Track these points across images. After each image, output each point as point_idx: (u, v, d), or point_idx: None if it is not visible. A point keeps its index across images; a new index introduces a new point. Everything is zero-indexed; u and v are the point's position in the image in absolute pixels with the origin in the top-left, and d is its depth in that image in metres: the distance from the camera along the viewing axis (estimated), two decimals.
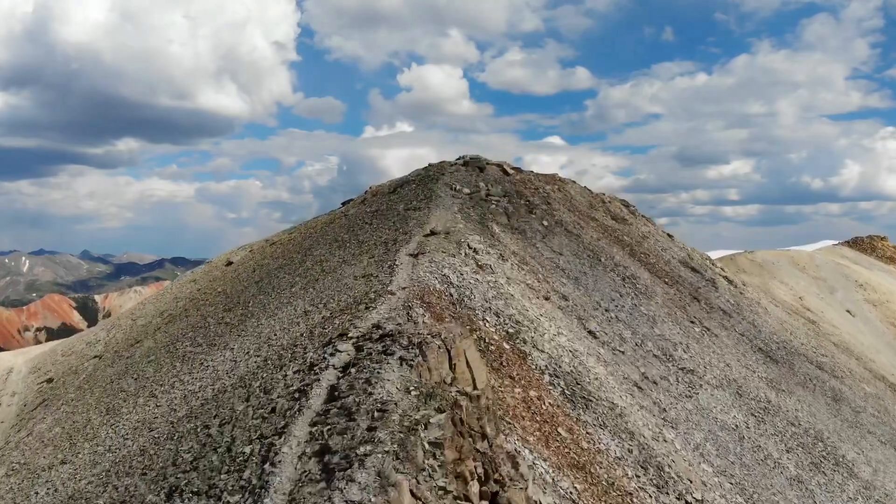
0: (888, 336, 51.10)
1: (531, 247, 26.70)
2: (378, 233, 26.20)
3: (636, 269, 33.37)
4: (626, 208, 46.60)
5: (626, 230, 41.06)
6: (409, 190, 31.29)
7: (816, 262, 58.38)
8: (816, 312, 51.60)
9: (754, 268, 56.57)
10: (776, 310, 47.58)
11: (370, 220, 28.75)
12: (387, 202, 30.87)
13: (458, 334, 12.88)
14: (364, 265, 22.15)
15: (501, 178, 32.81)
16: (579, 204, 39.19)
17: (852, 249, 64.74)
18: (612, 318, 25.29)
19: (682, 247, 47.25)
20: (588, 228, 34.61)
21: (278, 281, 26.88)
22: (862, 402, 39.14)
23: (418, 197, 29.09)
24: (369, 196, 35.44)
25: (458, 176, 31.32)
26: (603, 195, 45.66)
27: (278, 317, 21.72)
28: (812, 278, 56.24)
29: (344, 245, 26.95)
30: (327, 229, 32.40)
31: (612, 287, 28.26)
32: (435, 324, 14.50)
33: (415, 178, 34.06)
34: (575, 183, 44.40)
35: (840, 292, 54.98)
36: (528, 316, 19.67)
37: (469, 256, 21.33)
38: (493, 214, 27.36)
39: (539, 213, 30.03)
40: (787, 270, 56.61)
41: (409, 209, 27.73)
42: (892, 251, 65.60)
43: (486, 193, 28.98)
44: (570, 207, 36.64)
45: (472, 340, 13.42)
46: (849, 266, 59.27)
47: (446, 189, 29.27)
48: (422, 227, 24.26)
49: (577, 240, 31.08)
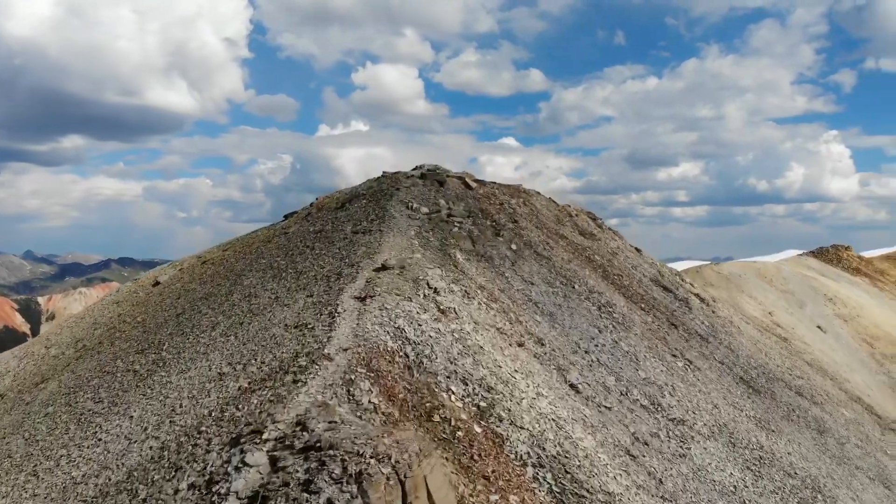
0: (860, 353, 48.65)
1: (500, 277, 22.71)
2: (320, 261, 21.90)
3: (611, 294, 29.69)
4: (593, 221, 43.07)
5: (596, 247, 37.46)
6: (358, 207, 27.03)
7: (784, 274, 55.84)
8: (787, 329, 48.90)
9: (721, 281, 53.74)
10: (748, 328, 44.62)
11: (312, 244, 24.41)
12: (333, 221, 26.55)
13: (415, 453, 8.80)
14: (299, 308, 17.88)
15: (464, 194, 28.76)
16: (546, 219, 35.42)
17: (818, 260, 62.54)
18: (594, 361, 21.46)
19: (651, 262, 43.93)
20: (558, 248, 30.83)
21: (199, 318, 22.40)
22: (844, 430, 36.27)
23: (369, 216, 24.84)
24: (314, 211, 31.04)
25: (415, 191, 27.14)
26: (568, 207, 42.05)
27: (190, 374, 17.32)
28: (780, 292, 53.64)
29: (279, 275, 22.59)
30: (263, 251, 27.93)
31: (590, 320, 24.46)
32: (384, 421, 10.37)
33: (366, 191, 29.80)
34: (539, 195, 40.67)
35: (809, 306, 52.45)
36: (502, 376, 15.66)
37: (429, 298, 17.22)
38: (456, 239, 23.28)
39: (507, 235, 26.05)
40: (754, 284, 53.90)
41: (357, 231, 23.48)
42: (858, 262, 63.62)
43: (448, 213, 24.86)
44: (537, 224, 32.81)
45: (436, 458, 9.34)
46: (816, 278, 56.89)
47: (402, 208, 25.08)
48: (372, 257, 20.05)
49: (549, 264, 27.23)
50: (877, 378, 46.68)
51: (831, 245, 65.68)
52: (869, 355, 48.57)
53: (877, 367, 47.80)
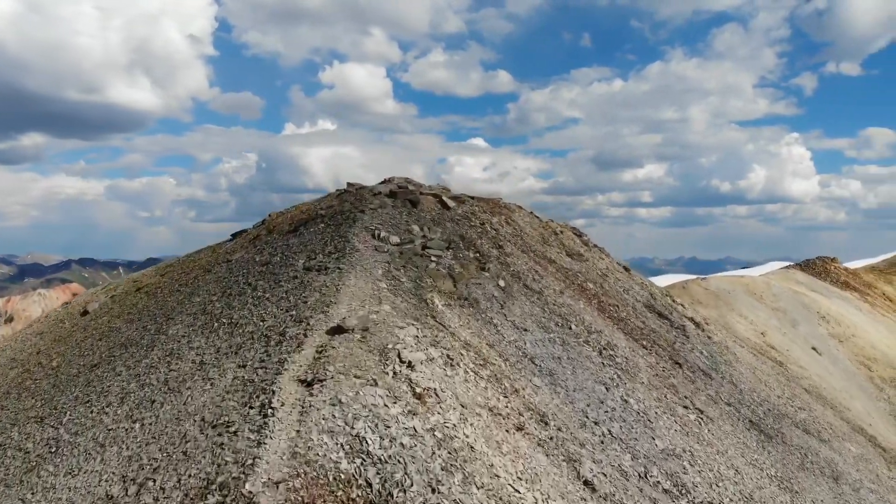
0: (859, 377, 45.12)
1: (488, 325, 18.13)
2: (262, 309, 17.10)
3: (610, 331, 25.33)
4: (578, 238, 38.78)
5: (585, 270, 33.13)
6: (314, 232, 22.25)
7: (773, 290, 52.22)
8: (781, 351, 45.19)
9: (710, 298, 49.91)
10: (744, 353, 40.75)
11: (255, 282, 19.57)
12: (283, 249, 21.74)
13: None
14: (224, 389, 13.10)
15: (440, 216, 24.13)
16: (532, 240, 30.96)
17: (805, 273, 59.16)
18: (605, 434, 17.00)
19: (641, 283, 39.77)
20: (548, 277, 26.38)
21: (111, 380, 17.47)
22: (856, 472, 32.49)
23: (326, 247, 20.07)
24: (263, 233, 26.16)
25: (383, 214, 22.43)
26: (552, 223, 37.69)
27: (76, 483, 12.51)
28: (771, 310, 49.96)
29: (211, 324, 17.74)
30: (201, 283, 22.99)
31: (594, 373, 20.01)
32: None
33: (325, 210, 25.02)
34: (521, 209, 36.23)
35: (803, 326, 48.85)
36: (503, 495, 11.11)
37: (400, 377, 12.59)
38: (434, 278, 18.63)
39: (493, 269, 21.47)
40: (744, 301, 50.16)
41: (311, 268, 18.69)
42: (845, 275, 60.41)
43: (423, 244, 20.19)
44: (523, 248, 28.32)
45: None
46: (806, 294, 53.38)
47: (366, 237, 20.35)
48: (326, 309, 15.29)
49: (541, 300, 22.74)
50: (877, 405, 43.17)
51: (817, 257, 62.46)
52: (867, 379, 45.07)
53: (876, 392, 44.31)
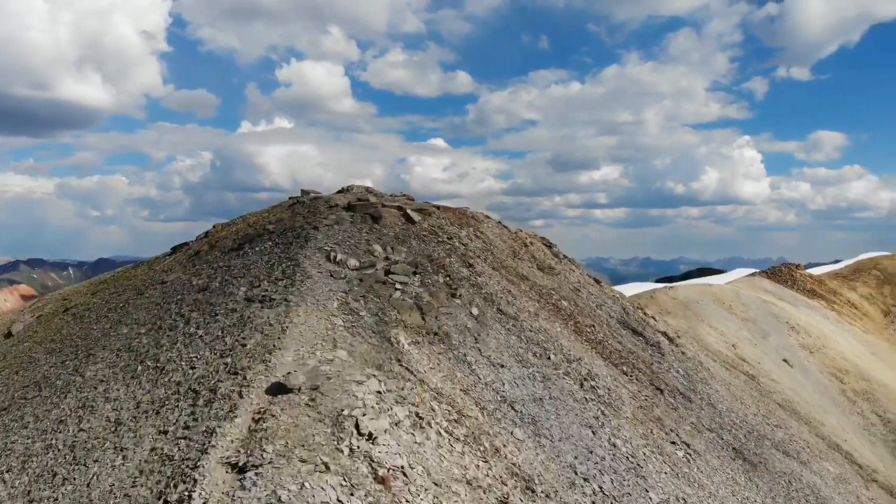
0: (831, 390, 43.84)
1: (462, 365, 15.61)
2: (192, 351, 14.29)
3: (590, 358, 23.06)
4: (549, 249, 36.55)
5: (558, 286, 30.87)
6: (261, 252, 19.46)
7: (743, 300, 50.83)
8: (753, 364, 43.69)
9: (679, 308, 48.24)
10: (717, 368, 39.05)
11: (188, 314, 16.71)
12: (224, 272, 18.90)
13: None
14: (138, 465, 10.35)
15: (405, 232, 21.52)
16: (502, 254, 28.55)
17: (771, 281, 58.05)
18: (597, 493, 14.64)
19: (612, 296, 37.73)
20: (522, 297, 24.00)
21: (15, 436, 14.50)
22: (838, 496, 30.96)
23: (273, 272, 17.31)
24: (205, 250, 23.23)
25: (339, 232, 19.72)
26: (520, 233, 35.38)
27: None
28: (741, 320, 48.51)
29: (133, 366, 14.87)
30: (131, 309, 20.02)
31: (579, 416, 17.66)
32: None
33: (274, 224, 22.21)
34: (489, 219, 33.84)
35: (773, 336, 47.48)
36: None
37: (358, 456, 9.98)
38: (400, 310, 16.02)
39: (465, 294, 18.94)
40: (713, 311, 48.61)
41: (253, 299, 15.92)
42: (811, 282, 59.48)
43: (386, 268, 17.56)
44: (494, 264, 25.90)
45: None
46: (775, 303, 52.15)
47: (320, 259, 17.63)
48: (268, 358, 12.58)
49: (517, 326, 20.31)
50: (851, 419, 41.93)
51: (783, 264, 61.52)
52: (840, 392, 43.83)
53: (849, 405, 43.09)
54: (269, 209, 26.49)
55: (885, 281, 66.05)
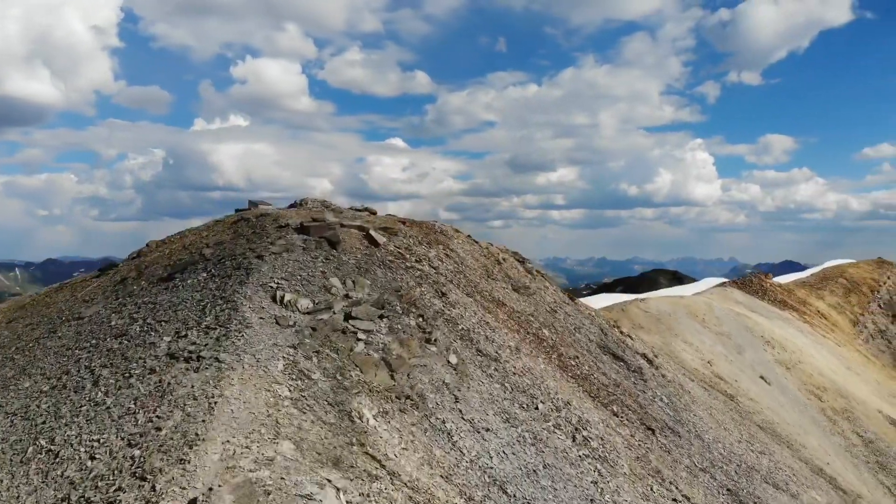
0: (811, 409, 41.90)
1: (441, 438, 12.43)
2: (94, 434, 10.85)
3: (579, 401, 20.13)
4: (521, 265, 33.60)
5: (536, 309, 27.94)
6: (193, 285, 15.99)
7: (716, 313, 48.74)
8: (730, 382, 41.52)
9: (651, 322, 45.87)
10: (697, 390, 36.70)
11: (98, 370, 13.19)
12: (148, 312, 15.39)
13: None
14: None
15: (368, 258, 18.22)
16: (476, 275, 25.48)
17: (742, 292, 56.24)
18: None
19: (588, 314, 35.00)
20: (501, 330, 20.96)
21: None
22: None
23: (204, 317, 13.88)
24: (133, 276, 19.62)
25: (289, 262, 16.33)
26: (491, 247, 32.37)
27: None
28: (716, 335, 46.38)
29: (23, 446, 11.40)
30: (36, 355, 16.35)
31: (578, 486, 14.66)
32: None
33: (213, 248, 18.71)
34: (458, 233, 30.73)
35: (748, 352, 45.44)
36: None
37: None
38: (363, 368, 12.75)
39: (441, 338, 15.75)
40: (686, 325, 46.38)
41: (177, 355, 12.48)
42: (782, 293, 57.91)
43: (347, 312, 14.28)
44: (469, 290, 22.80)
45: None
46: (748, 316, 50.22)
47: (264, 300, 14.26)
48: (186, 455, 9.25)
49: (500, 370, 17.24)
50: (833, 440, 40.00)
51: (753, 274, 59.87)
52: (819, 411, 41.92)
53: (830, 425, 41.19)
54: (210, 225, 22.92)
55: (851, 290, 65.05)
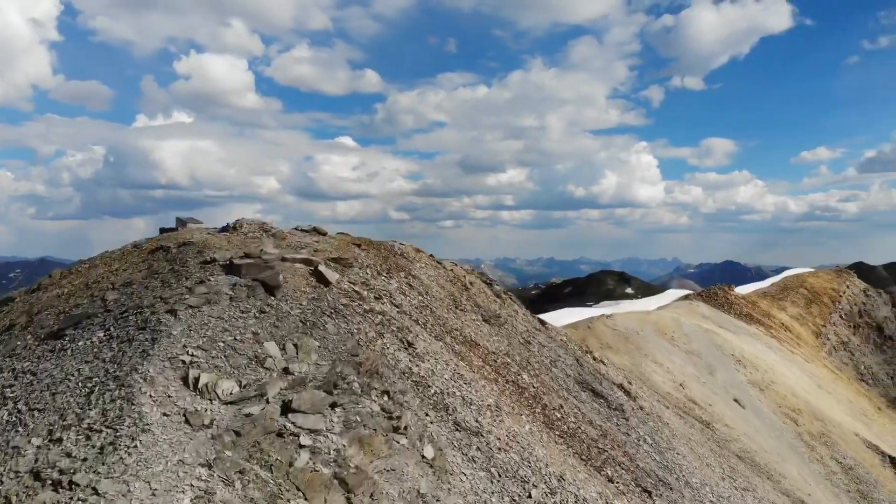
0: (787, 434, 39.59)
1: None
2: None
3: (571, 469, 16.73)
4: (489, 288, 30.13)
5: (509, 343, 24.53)
6: (84, 350, 11.97)
7: (685, 330, 46.21)
8: (704, 406, 38.92)
9: (619, 341, 43.02)
10: (674, 420, 33.89)
11: None
12: (22, 388, 11.37)
13: None
14: None
15: (316, 306, 14.39)
16: (443, 307, 21.89)
17: (708, 305, 54.00)
18: None
19: (560, 341, 31.76)
20: (479, 382, 17.40)
21: None
22: None
23: (89, 403, 9.90)
24: (21, 323, 15.41)
25: (209, 321, 12.39)
26: (455, 269, 28.77)
27: None
28: (685, 353, 43.80)
29: None
30: None
31: None
32: None
33: (121, 288, 14.71)
34: (420, 253, 27.09)
35: (720, 372, 42.97)
36: None
37: None
38: (309, 491, 8.95)
39: (413, 423, 12.07)
40: (655, 343, 43.67)
41: (43, 471, 8.59)
42: (747, 305, 55.92)
43: (286, 402, 10.43)
44: (438, 331, 19.16)
45: None
46: (717, 332, 47.88)
47: (172, 383, 10.41)
48: None
49: (485, 451, 13.68)
50: (812, 468, 37.73)
51: (717, 286, 57.80)
52: (796, 436, 39.64)
53: (807, 451, 38.94)
54: (125, 253, 18.71)
55: (812, 300, 63.72)
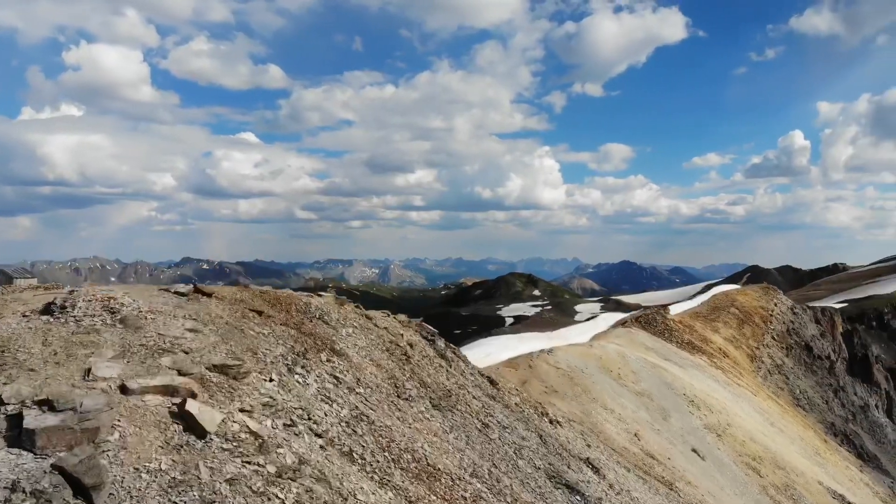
0: (752, 488, 35.20)
1: None
2: None
3: None
4: (432, 346, 23.71)
5: (465, 433, 18.24)
6: None
7: (632, 366, 41.39)
8: (663, 461, 33.99)
9: (564, 382, 37.60)
10: (636, 484, 28.57)
11: None
12: None
13: None
14: None
15: (183, 494, 7.59)
16: (384, 408, 15.32)
17: (648, 333, 49.59)
18: None
19: (518, 414, 25.71)
20: None
21: None
22: None
23: None
24: None
25: None
26: (389, 328, 22.19)
27: None
28: (636, 395, 38.90)
29: None
30: None
31: None
32: None
33: None
34: (344, 307, 20.38)
35: (674, 417, 38.29)
36: None
37: None
38: None
39: None
40: (603, 384, 38.52)
41: None
42: (686, 330, 51.94)
43: None
44: (384, 466, 12.62)
45: None
46: (664, 368, 43.37)
47: None
48: None
49: None
50: None
51: (654, 311, 53.57)
52: (761, 490, 35.34)
53: None
54: None
55: (744, 320, 60.87)
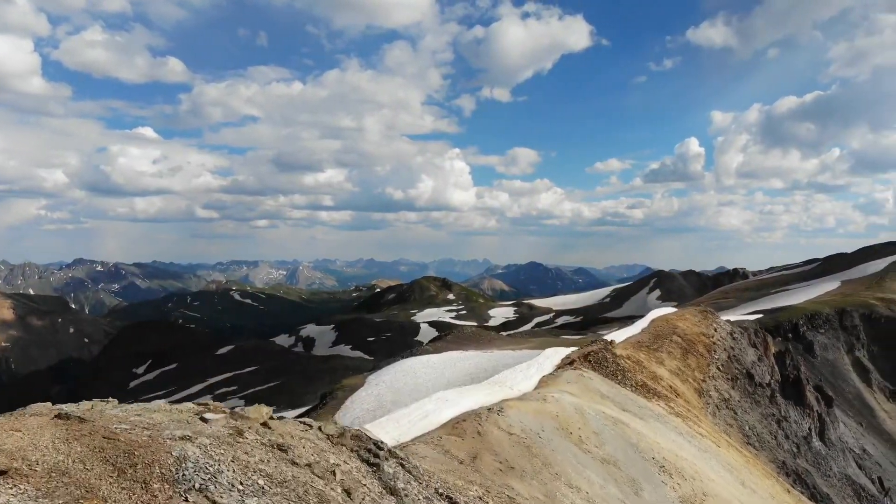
0: None
1: None
2: None
3: None
4: (364, 464, 16.98)
5: None
6: None
7: (592, 426, 35.65)
8: None
9: (520, 453, 31.25)
10: None
11: None
12: None
13: None
14: None
15: None
16: None
17: (600, 375, 44.08)
18: None
19: None
20: None
21: None
22: None
23: None
24: None
25: None
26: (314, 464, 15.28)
27: None
28: (601, 463, 33.09)
29: None
30: None
31: None
32: None
33: None
34: (273, 420, 13.34)
35: (646, 489, 32.69)
36: None
37: None
38: None
39: None
40: (564, 452, 32.48)
41: None
42: (636, 368, 46.82)
43: None
44: None
45: None
46: (625, 423, 37.89)
47: None
48: None
49: None
50: None
51: (600, 347, 48.15)
52: None
53: None
54: None
55: (688, 350, 56.68)
